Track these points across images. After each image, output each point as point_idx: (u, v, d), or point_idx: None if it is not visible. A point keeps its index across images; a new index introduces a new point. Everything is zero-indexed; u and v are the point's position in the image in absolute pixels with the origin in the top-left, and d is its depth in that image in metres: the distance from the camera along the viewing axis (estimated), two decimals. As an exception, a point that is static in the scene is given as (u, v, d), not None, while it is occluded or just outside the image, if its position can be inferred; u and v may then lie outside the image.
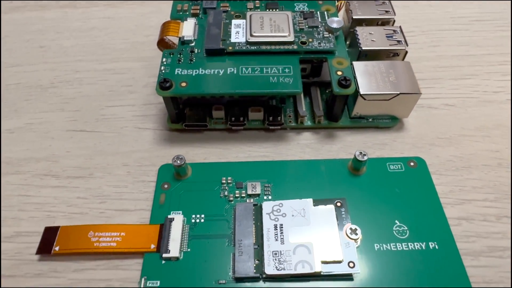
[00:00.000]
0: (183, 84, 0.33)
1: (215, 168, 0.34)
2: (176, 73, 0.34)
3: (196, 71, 0.34)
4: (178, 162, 0.32)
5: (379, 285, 0.27)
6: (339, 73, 0.34)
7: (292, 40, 0.35)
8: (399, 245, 0.29)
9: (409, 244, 0.29)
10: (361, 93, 0.34)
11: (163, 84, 0.32)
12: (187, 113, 0.37)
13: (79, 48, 0.46)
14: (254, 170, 0.34)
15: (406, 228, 0.30)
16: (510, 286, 0.28)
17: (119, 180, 0.34)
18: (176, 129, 0.38)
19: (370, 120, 0.37)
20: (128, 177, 0.34)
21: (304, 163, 0.34)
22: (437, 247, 0.29)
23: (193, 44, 0.36)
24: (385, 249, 0.29)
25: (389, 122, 0.37)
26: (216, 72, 0.34)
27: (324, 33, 0.36)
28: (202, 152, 0.36)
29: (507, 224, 0.31)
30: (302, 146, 0.36)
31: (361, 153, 0.32)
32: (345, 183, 0.33)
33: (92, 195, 0.33)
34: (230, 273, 0.28)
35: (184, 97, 0.37)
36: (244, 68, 0.34)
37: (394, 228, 0.30)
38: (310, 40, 0.35)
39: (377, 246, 0.29)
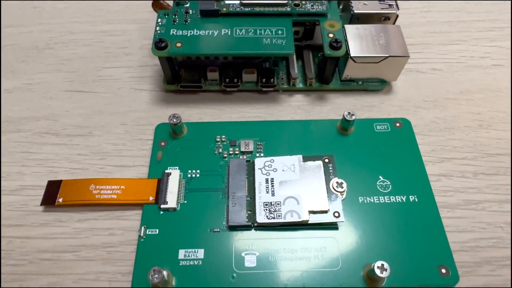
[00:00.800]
0: (178, 45, 0.34)
1: (209, 127, 0.36)
2: (171, 33, 0.34)
3: (191, 32, 0.35)
4: (174, 120, 0.33)
5: (362, 234, 0.30)
6: (331, 35, 0.35)
7: (285, 2, 0.35)
8: (381, 198, 0.31)
9: (391, 197, 0.32)
10: (351, 55, 0.35)
11: (159, 44, 0.33)
12: (183, 74, 0.38)
13: (73, 10, 0.46)
14: (247, 129, 0.35)
15: (389, 183, 0.32)
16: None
17: (118, 138, 0.36)
18: (171, 90, 0.39)
19: (360, 83, 0.38)
20: (126, 136, 0.36)
21: (295, 123, 0.36)
22: (416, 200, 0.31)
23: (187, 5, 0.37)
24: (368, 201, 0.31)
25: (377, 85, 0.39)
26: (210, 33, 0.34)
27: (317, -4, 0.37)
28: (197, 113, 0.37)
29: (483, 180, 0.33)
30: (294, 108, 0.38)
31: (349, 113, 0.34)
32: (334, 142, 0.34)
33: (92, 152, 0.35)
34: (224, 222, 0.30)
35: (179, 58, 0.38)
36: (238, 30, 0.35)
37: (377, 183, 0.32)
38: (304, 2, 0.36)
39: (361, 199, 0.31)
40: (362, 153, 0.34)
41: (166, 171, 0.32)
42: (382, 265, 0.26)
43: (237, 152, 0.34)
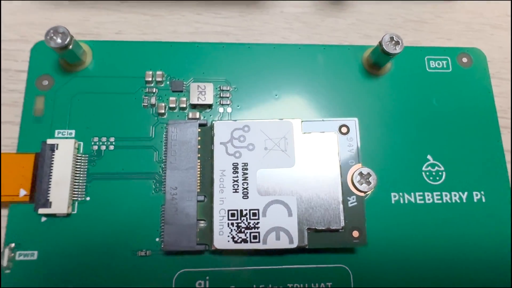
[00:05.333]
0: None
1: (135, 51, 0.19)
2: None
3: None
4: (59, 41, 0.17)
5: (393, 258, 0.18)
6: None
7: None
8: (428, 195, 0.19)
9: (443, 194, 0.19)
10: None
11: None
12: None
13: None
14: (203, 59, 0.19)
15: (441, 168, 0.19)
16: None
17: (-38, 66, 0.19)
18: (64, -27, 0.21)
19: (407, -24, 0.22)
20: (-23, 61, 0.19)
21: (290, 49, 0.20)
22: (484, 199, 0.19)
23: None
24: (406, 201, 0.18)
25: (436, -17, 0.22)
26: None
27: None
28: (113, 20, 0.21)
29: None
30: (288, 18, 0.21)
31: (392, 38, 0.18)
32: (356, 89, 0.20)
33: None
34: (157, 239, 0.17)
35: None
36: None
37: (424, 168, 0.19)
38: None
39: (395, 196, 0.18)
40: (401, 111, 0.20)
41: (50, 140, 0.17)
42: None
43: (183, 105, 0.19)
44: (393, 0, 0.22)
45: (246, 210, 0.17)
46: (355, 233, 0.17)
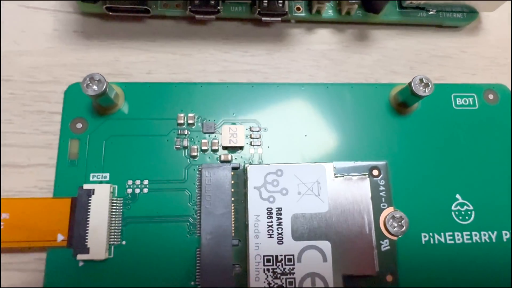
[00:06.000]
0: None
1: (166, 93, 0.20)
2: None
3: None
4: (95, 88, 0.17)
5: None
6: None
7: None
8: (458, 235, 0.19)
9: (472, 233, 0.19)
10: (440, -37, 0.18)
11: None
12: (110, -17, 0.20)
13: None
14: (233, 98, 0.20)
15: (470, 207, 0.19)
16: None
17: (-3, 108, 0.20)
18: (93, 13, 0.21)
19: (432, 12, 0.22)
20: (13, 103, 0.20)
21: (318, 88, 0.20)
22: (513, 239, 0.19)
23: None
24: (437, 241, 0.19)
25: (460, 19, 0.22)
26: None
27: None
28: (143, 60, 0.21)
29: None
30: (316, 55, 0.22)
31: (422, 80, 0.19)
32: (384, 128, 0.20)
33: (-51, 136, 0.19)
34: (192, 283, 0.17)
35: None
36: None
37: (453, 207, 0.19)
38: None
39: (425, 236, 0.19)
40: (429, 150, 0.20)
41: (86, 185, 0.18)
42: None
43: (215, 148, 0.19)
44: (418, 30, 0.22)
45: (281, 255, 0.17)
46: (389, 278, 0.17)
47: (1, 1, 0.21)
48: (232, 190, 0.18)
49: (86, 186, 0.18)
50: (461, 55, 0.22)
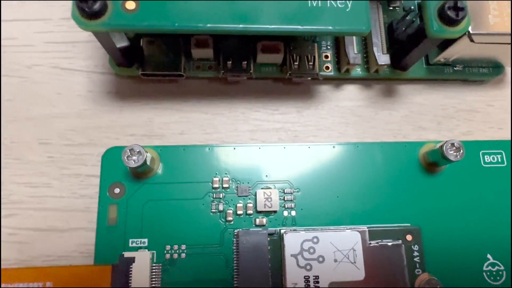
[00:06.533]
0: (130, 6, 0.16)
1: (200, 156, 0.20)
2: (113, -25, 0.16)
3: (156, -27, 0.16)
4: (133, 162, 0.18)
5: None
6: (441, -11, 0.17)
7: None
8: (490, 295, 0.19)
9: (505, 293, 0.19)
10: (471, 31, 0.18)
11: (86, 5, 0.15)
12: (146, 49, 0.20)
13: None
14: (265, 160, 0.20)
15: (501, 267, 0.20)
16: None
17: (36, 171, 0.20)
18: (128, 76, 0.22)
19: (458, 68, 0.22)
20: (51, 167, 0.20)
21: (348, 148, 0.21)
22: (544, 299, 0.19)
23: None
24: (469, 302, 0.19)
25: (486, 73, 0.23)
26: (198, -22, 0.16)
27: None
28: (176, 120, 0.21)
29: None
30: (344, 111, 0.22)
31: (453, 145, 0.19)
32: (414, 187, 0.20)
33: (-10, 201, 0.20)
34: None
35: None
36: (254, -29, 0.17)
37: (484, 268, 0.19)
38: None
39: (457, 298, 0.19)
40: (459, 210, 0.20)
41: (126, 253, 0.18)
42: None
43: (250, 212, 0.19)
44: (445, 84, 0.23)
45: (319, 324, 0.17)
46: None
47: (36, 66, 0.21)
48: (269, 256, 0.18)
49: (126, 254, 0.18)
50: (488, 109, 0.23)
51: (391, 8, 0.22)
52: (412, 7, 0.20)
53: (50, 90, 0.21)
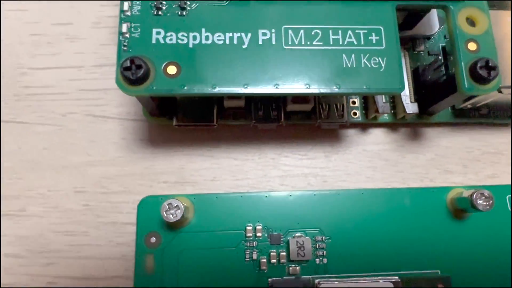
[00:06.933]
0: (172, 71, 0.16)
1: (233, 204, 0.21)
2: (154, 40, 0.17)
3: (195, 36, 0.17)
4: (171, 217, 0.18)
5: None
6: (472, 46, 0.18)
7: (389, -32, 0.17)
8: None
9: None
10: (502, 85, 0.19)
11: (130, 72, 0.16)
12: (180, 101, 0.21)
13: None
14: (296, 208, 0.21)
15: (531, 314, 0.20)
16: None
17: (73, 220, 0.21)
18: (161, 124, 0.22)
19: (483, 111, 0.23)
20: (87, 215, 0.21)
21: (377, 194, 0.21)
22: None
23: (183, -35, 0.18)
24: None
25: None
26: (236, 41, 0.17)
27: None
28: (207, 167, 0.22)
29: None
30: (371, 155, 0.22)
31: (483, 195, 0.19)
32: (443, 234, 0.20)
33: (29, 249, 0.20)
34: None
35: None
36: (290, 32, 0.17)
37: (514, 316, 0.20)
38: (421, -34, 0.18)
39: None
40: (486, 256, 0.20)
41: (164, 303, 0.19)
42: None
43: (283, 261, 0.20)
44: (469, 132, 0.23)
45: None
46: None
47: (71, 114, 0.22)
48: (303, 306, 0.19)
49: (165, 304, 0.19)
50: (512, 151, 0.23)
51: (415, 52, 0.23)
52: (440, 57, 0.21)
53: (84, 138, 0.22)
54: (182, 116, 0.20)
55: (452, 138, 0.23)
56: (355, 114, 0.22)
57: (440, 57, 0.21)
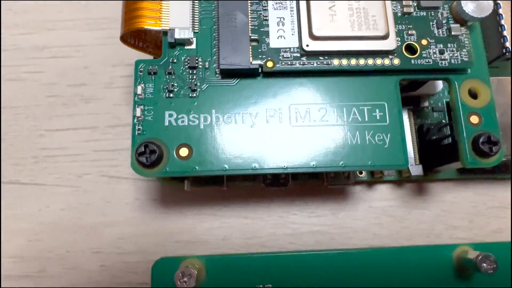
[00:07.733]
0: (184, 153, 0.17)
1: (245, 265, 0.21)
2: (166, 122, 0.17)
3: (206, 118, 0.18)
4: (185, 284, 0.19)
5: None
6: (474, 119, 0.18)
7: (393, 47, 0.18)
8: None
9: None
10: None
11: (144, 157, 0.17)
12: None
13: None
14: (305, 268, 0.21)
15: None
16: None
17: (91, 280, 0.21)
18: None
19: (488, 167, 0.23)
20: (103, 275, 0.22)
21: (384, 253, 0.22)
22: None
23: (193, 46, 0.18)
24: None
25: (515, 172, 0.23)
26: (243, 121, 0.18)
27: (451, 25, 0.18)
28: (218, 226, 0.22)
29: None
30: (378, 212, 0.23)
31: (487, 258, 0.20)
32: (449, 291, 0.21)
33: (50, 311, 0.21)
34: None
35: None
36: (297, 110, 0.18)
37: None
38: (424, 42, 0.18)
39: None
40: (494, 314, 0.21)
41: None
42: None
43: (293, 323, 0.21)
44: (474, 186, 0.23)
45: None
46: None
47: (86, 175, 0.23)
48: None
49: None
50: (517, 205, 0.23)
51: (419, 108, 0.23)
52: (444, 120, 0.21)
53: (100, 199, 0.23)
54: (195, 183, 0.21)
55: (457, 193, 0.23)
56: (360, 173, 0.23)
57: (444, 121, 0.21)
